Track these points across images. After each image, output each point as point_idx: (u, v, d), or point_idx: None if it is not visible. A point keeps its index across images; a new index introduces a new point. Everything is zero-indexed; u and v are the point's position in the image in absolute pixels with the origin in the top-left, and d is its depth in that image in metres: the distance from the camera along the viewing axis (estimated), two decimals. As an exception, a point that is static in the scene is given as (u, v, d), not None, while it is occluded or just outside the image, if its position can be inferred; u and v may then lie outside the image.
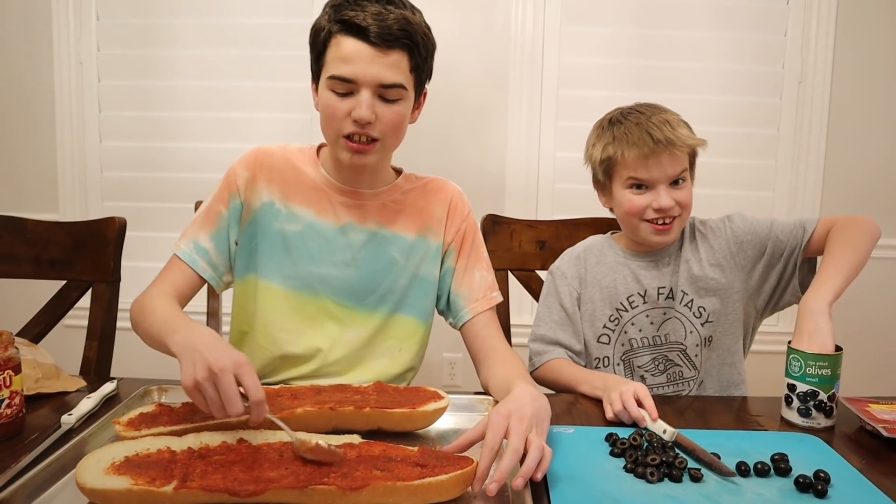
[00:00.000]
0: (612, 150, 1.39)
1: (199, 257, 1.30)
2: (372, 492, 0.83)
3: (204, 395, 0.91)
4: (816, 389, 1.12)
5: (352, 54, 1.16)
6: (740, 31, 2.49)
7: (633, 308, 1.44)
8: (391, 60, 1.18)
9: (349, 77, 1.17)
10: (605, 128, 1.43)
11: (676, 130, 1.35)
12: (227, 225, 1.32)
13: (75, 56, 2.57)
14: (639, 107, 1.42)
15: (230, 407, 0.90)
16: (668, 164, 1.35)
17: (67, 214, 2.61)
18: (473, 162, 2.56)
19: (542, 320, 1.49)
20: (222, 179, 1.34)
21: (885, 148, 2.51)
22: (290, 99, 2.55)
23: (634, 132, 1.36)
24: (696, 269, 1.42)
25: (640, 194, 1.38)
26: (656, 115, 1.38)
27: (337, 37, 1.18)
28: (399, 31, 1.17)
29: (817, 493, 0.89)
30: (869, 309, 2.46)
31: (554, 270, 1.53)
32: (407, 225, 1.35)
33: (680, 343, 1.42)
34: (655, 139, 1.33)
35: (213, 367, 0.90)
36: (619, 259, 1.47)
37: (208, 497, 0.82)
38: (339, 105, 1.19)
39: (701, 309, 1.41)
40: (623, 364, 1.45)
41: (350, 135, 1.21)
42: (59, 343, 1.56)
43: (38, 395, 1.17)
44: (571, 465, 0.96)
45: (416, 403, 1.06)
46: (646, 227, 1.39)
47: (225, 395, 0.90)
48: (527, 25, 2.50)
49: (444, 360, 2.63)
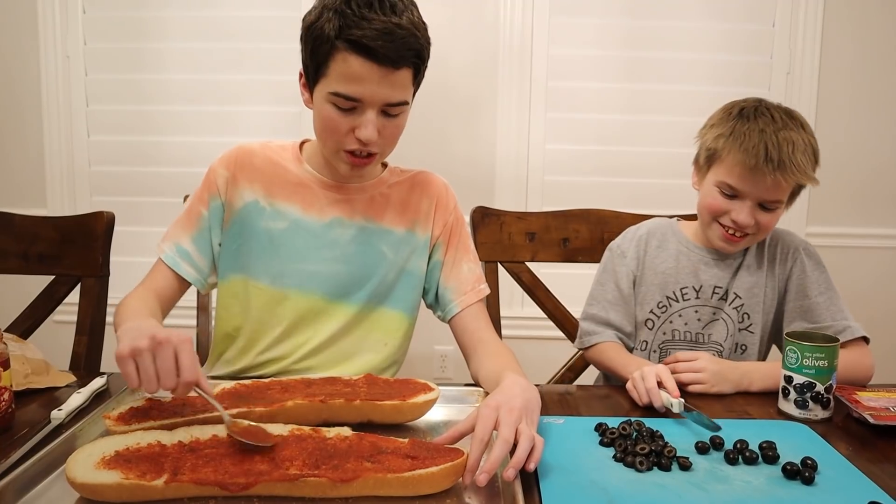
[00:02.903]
0: (722, 143, 1.31)
1: (181, 260, 1.30)
2: (362, 484, 0.84)
3: (138, 365, 0.90)
4: (813, 381, 1.12)
5: (359, 74, 1.11)
6: (729, 21, 2.50)
7: (685, 300, 1.41)
8: (398, 80, 1.14)
9: (356, 97, 1.13)
10: (731, 115, 1.33)
11: (795, 156, 1.24)
12: (208, 226, 1.31)
13: (62, 50, 2.55)
14: (778, 111, 1.31)
15: (165, 379, 0.91)
16: (768, 186, 1.27)
17: (56, 209, 2.60)
18: (463, 154, 2.56)
19: (596, 299, 1.47)
20: (203, 180, 1.33)
21: (872, 138, 2.53)
22: (279, 92, 2.54)
23: (753, 138, 1.26)
24: (754, 277, 1.39)
25: (727, 199, 1.31)
26: (786, 131, 1.27)
27: (343, 53, 1.11)
28: (408, 52, 1.12)
29: (804, 479, 0.90)
30: (866, 302, 2.48)
31: (614, 248, 1.49)
32: (395, 219, 1.34)
33: (719, 344, 1.40)
34: (768, 156, 1.24)
35: (156, 337, 0.91)
36: (681, 248, 1.44)
37: (199, 490, 0.82)
38: (342, 120, 1.16)
39: (746, 315, 1.39)
40: (660, 352, 1.43)
41: (350, 150, 1.19)
42: (48, 339, 1.55)
43: (27, 390, 1.16)
44: (561, 455, 0.96)
45: (406, 395, 1.06)
46: (717, 228, 1.35)
47: (163, 366, 0.90)
48: (516, 17, 2.50)
49: (435, 353, 2.64)
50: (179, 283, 1.30)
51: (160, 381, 0.91)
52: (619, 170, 2.57)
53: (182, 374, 0.91)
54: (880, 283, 2.56)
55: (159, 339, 0.91)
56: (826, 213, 2.51)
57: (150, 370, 0.90)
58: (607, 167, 2.57)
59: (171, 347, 0.91)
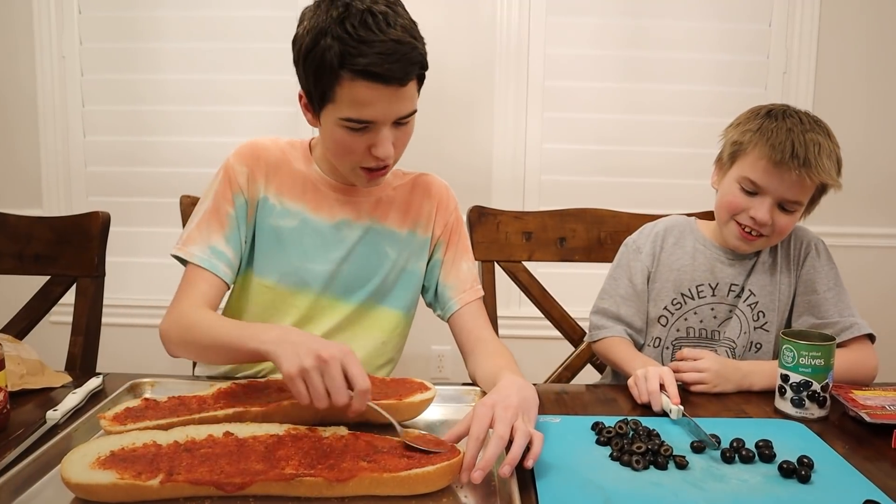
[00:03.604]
0: (748, 137, 1.31)
1: (219, 262, 1.25)
2: (358, 483, 0.84)
3: (308, 384, 0.91)
4: (809, 380, 1.12)
5: (369, 99, 1.10)
6: (725, 21, 2.50)
7: (701, 298, 1.41)
8: (406, 93, 1.13)
9: (369, 119, 1.12)
10: (759, 115, 1.34)
11: (820, 158, 1.25)
12: (237, 225, 1.28)
13: (57, 50, 2.55)
14: (805, 116, 1.31)
15: (337, 396, 0.91)
16: (791, 184, 1.27)
17: (52, 210, 2.60)
18: (460, 154, 2.56)
19: (608, 293, 1.47)
20: (221, 177, 1.29)
21: (868, 137, 2.54)
22: (275, 92, 2.53)
23: (780, 135, 1.27)
24: (770, 275, 1.39)
25: (747, 196, 1.31)
26: (813, 133, 1.27)
27: (350, 81, 1.09)
28: (412, 66, 1.11)
29: (801, 478, 0.90)
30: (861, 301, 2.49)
31: (629, 244, 1.49)
32: (398, 220, 1.35)
33: (732, 341, 1.40)
34: (794, 153, 1.24)
35: (322, 355, 0.91)
36: (698, 246, 1.43)
37: (194, 490, 0.82)
38: (356, 141, 1.15)
39: (761, 314, 1.39)
40: (673, 349, 1.43)
41: (368, 167, 1.19)
42: (44, 339, 1.55)
43: (22, 391, 1.16)
44: (558, 454, 0.96)
45: (402, 394, 1.06)
46: (733, 227, 1.34)
47: (333, 383, 0.91)
48: (512, 16, 2.50)
49: (433, 353, 2.64)
50: (221, 286, 1.26)
51: (332, 398, 0.91)
52: (616, 169, 2.57)
53: (356, 385, 0.92)
54: (876, 283, 2.56)
55: (325, 357, 0.91)
56: (822, 213, 2.50)
57: (321, 389, 0.91)
58: (604, 167, 2.57)
59: (338, 363, 0.91)
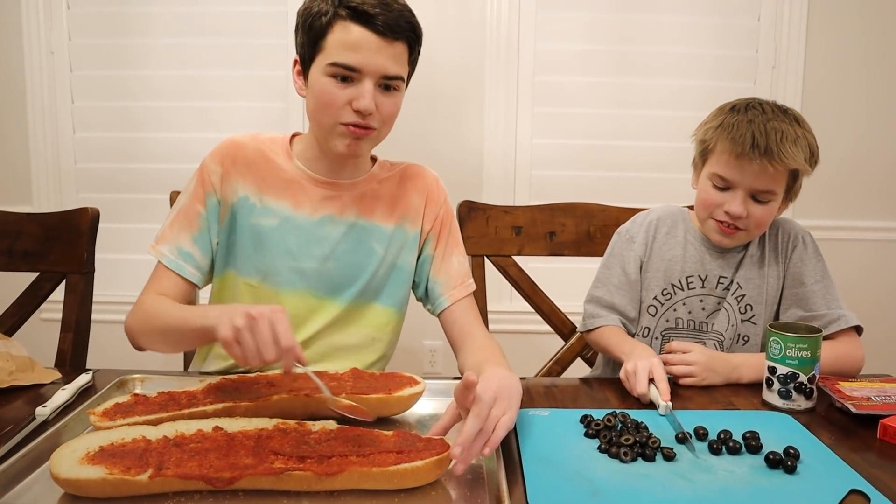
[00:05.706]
0: (712, 135, 1.33)
1: (185, 263, 1.27)
2: (348, 477, 0.84)
3: (241, 344, 0.94)
4: (796, 371, 1.13)
5: (358, 42, 1.15)
6: (714, 15, 2.51)
7: (690, 289, 1.42)
8: (395, 52, 1.18)
9: (354, 66, 1.16)
10: (723, 111, 1.36)
11: (783, 145, 1.25)
12: (207, 226, 1.29)
13: (46, 46, 2.53)
14: (769, 106, 1.32)
15: (265, 349, 0.93)
16: (756, 174, 1.28)
17: (41, 206, 2.58)
18: (450, 150, 2.56)
19: (601, 282, 1.47)
20: (195, 176, 1.30)
21: (857, 132, 2.55)
22: (265, 87, 2.53)
23: (741, 128, 1.28)
24: (758, 268, 1.40)
25: (720, 191, 1.32)
26: (776, 121, 1.28)
27: (343, 23, 1.15)
28: (405, 24, 1.17)
29: (787, 468, 0.91)
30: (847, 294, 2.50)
31: (622, 233, 1.49)
32: (385, 215, 1.34)
33: (720, 334, 1.40)
34: (754, 143, 1.25)
35: (251, 313, 0.94)
36: (689, 237, 1.44)
37: (184, 485, 0.82)
38: (339, 93, 1.18)
39: (748, 307, 1.40)
40: (662, 339, 1.44)
41: (348, 123, 1.20)
42: (33, 336, 1.54)
43: (12, 387, 1.16)
44: (546, 446, 0.97)
45: (391, 389, 1.06)
46: (712, 223, 1.36)
47: (261, 338, 0.93)
48: (502, 12, 2.50)
49: (425, 348, 2.64)
50: (186, 287, 1.28)
51: (261, 353, 0.93)
52: (606, 164, 2.57)
53: (280, 342, 0.94)
54: (863, 276, 2.58)
55: (253, 314, 0.94)
56: (810, 206, 2.52)
57: (252, 346, 0.94)
58: (594, 161, 2.58)
59: (266, 320, 0.94)
